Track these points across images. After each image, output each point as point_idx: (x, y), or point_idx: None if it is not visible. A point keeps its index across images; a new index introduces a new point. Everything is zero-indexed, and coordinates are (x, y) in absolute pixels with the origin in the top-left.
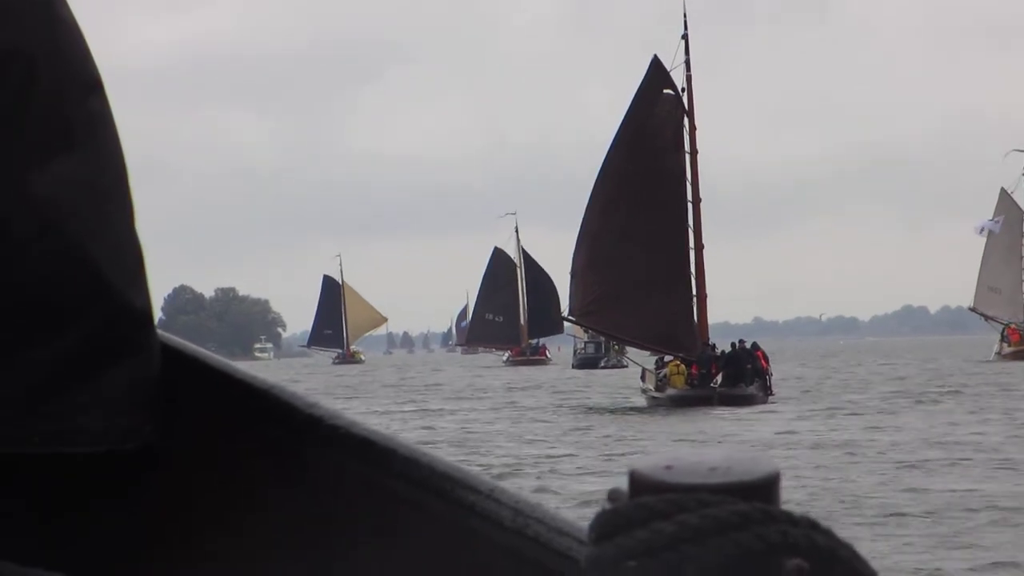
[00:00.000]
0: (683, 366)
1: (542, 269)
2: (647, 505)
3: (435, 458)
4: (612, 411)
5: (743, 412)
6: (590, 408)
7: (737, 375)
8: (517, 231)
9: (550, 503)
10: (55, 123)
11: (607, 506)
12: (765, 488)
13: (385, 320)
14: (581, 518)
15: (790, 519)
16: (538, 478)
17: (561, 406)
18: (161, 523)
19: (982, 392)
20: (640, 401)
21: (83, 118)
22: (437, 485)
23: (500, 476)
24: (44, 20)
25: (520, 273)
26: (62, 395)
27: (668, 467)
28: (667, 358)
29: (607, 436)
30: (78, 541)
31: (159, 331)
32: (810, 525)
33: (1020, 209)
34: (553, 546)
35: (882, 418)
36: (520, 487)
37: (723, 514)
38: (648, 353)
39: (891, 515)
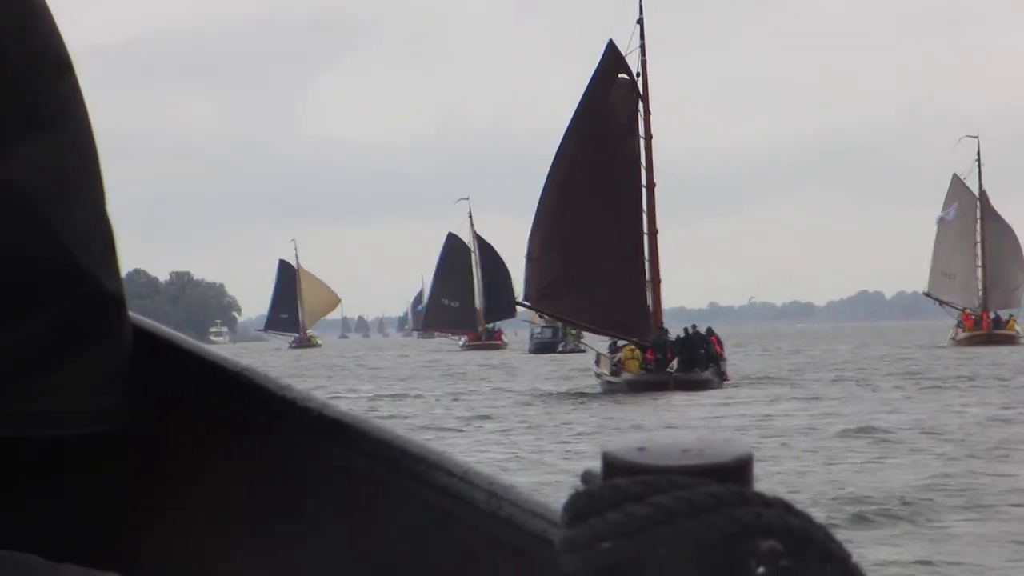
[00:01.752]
0: (637, 351)
1: (496, 253)
2: (620, 487)
3: (408, 440)
4: (569, 396)
5: (701, 396)
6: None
7: (692, 360)
8: (471, 216)
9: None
10: (24, 104)
11: (580, 488)
12: (738, 470)
13: (339, 301)
14: (555, 500)
15: (763, 501)
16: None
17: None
18: (133, 505)
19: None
20: (594, 385)
21: (52, 99)
22: (410, 467)
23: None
24: (12, 1)
25: (474, 258)
26: (32, 378)
27: (641, 449)
28: (621, 343)
29: (566, 424)
30: (50, 524)
31: (131, 313)
32: (784, 507)
33: (973, 195)
34: (527, 528)
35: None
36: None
37: (696, 496)
38: (606, 338)
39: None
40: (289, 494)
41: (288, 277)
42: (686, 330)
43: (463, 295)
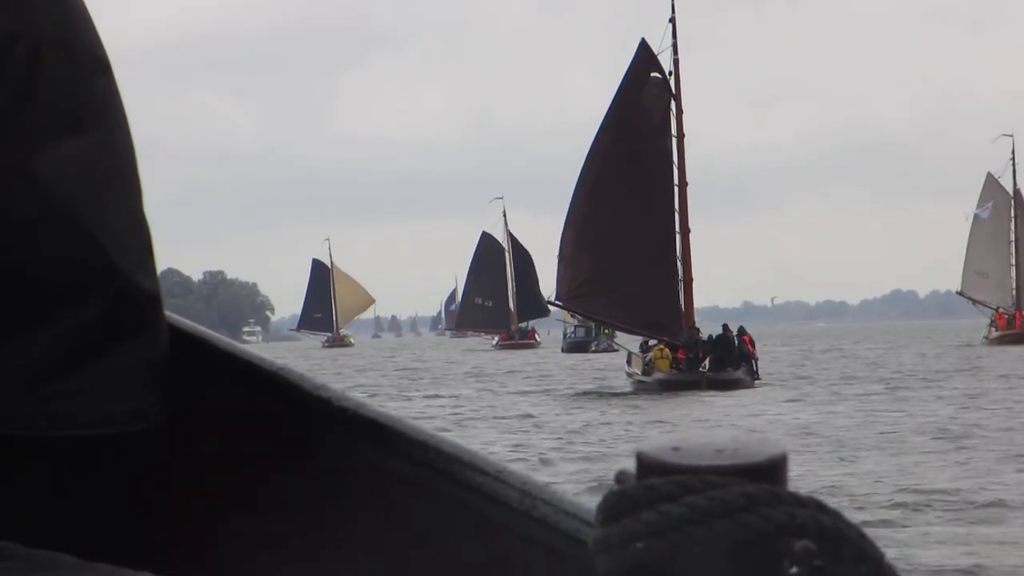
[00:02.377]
0: (667, 350)
1: (527, 253)
2: (654, 487)
3: (442, 439)
4: (600, 395)
5: (731, 396)
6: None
7: (724, 359)
8: (505, 215)
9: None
10: (63, 105)
11: (614, 488)
12: (772, 470)
13: (373, 301)
14: (588, 500)
15: (797, 501)
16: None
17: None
18: (167, 504)
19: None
20: (624, 385)
21: (91, 100)
22: (444, 466)
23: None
24: (52, 2)
25: (508, 257)
26: (69, 377)
27: (675, 449)
28: (652, 342)
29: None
30: (84, 522)
31: (167, 312)
32: (817, 507)
33: (1007, 194)
34: (560, 527)
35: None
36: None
37: (730, 496)
38: (639, 338)
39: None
40: (323, 493)
41: (322, 276)
42: (724, 327)
43: (497, 294)
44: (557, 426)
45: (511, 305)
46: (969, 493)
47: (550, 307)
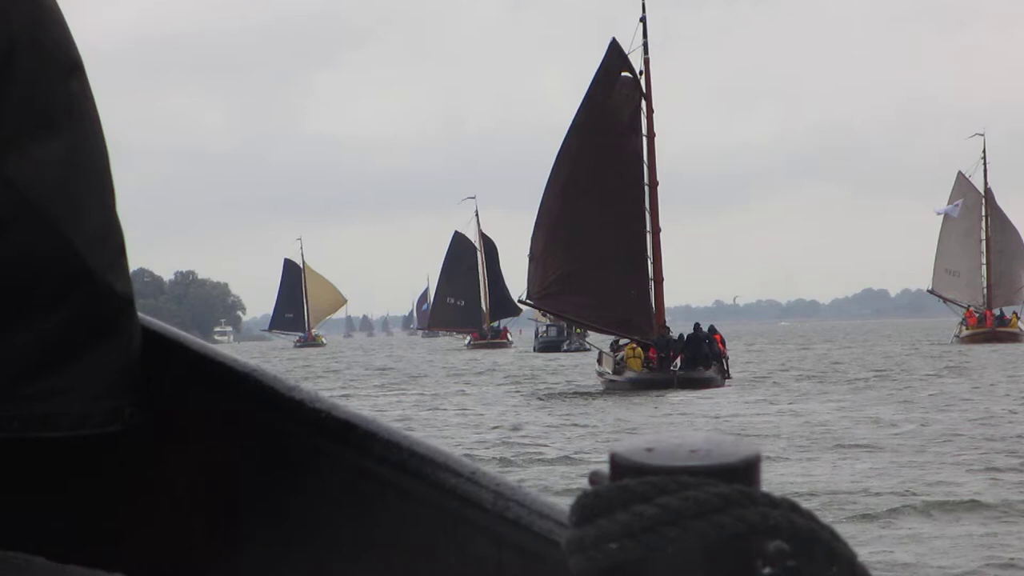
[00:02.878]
0: (639, 349)
1: (495, 249)
2: (628, 488)
3: (416, 441)
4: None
5: (702, 395)
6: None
7: (696, 358)
8: (477, 215)
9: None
10: (36, 106)
11: (588, 489)
12: (746, 471)
13: (345, 301)
14: (562, 501)
15: (770, 501)
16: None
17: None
18: (140, 505)
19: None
20: (595, 384)
21: (63, 101)
22: (418, 468)
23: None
24: (24, 3)
25: (480, 257)
26: (42, 379)
27: (649, 450)
28: (623, 341)
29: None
30: (57, 525)
31: (140, 314)
32: (790, 507)
33: (978, 192)
34: (534, 529)
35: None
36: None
37: (704, 496)
38: (610, 337)
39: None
40: (297, 493)
41: (293, 276)
42: (696, 326)
43: (469, 294)
44: (522, 427)
45: (483, 305)
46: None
47: (521, 306)
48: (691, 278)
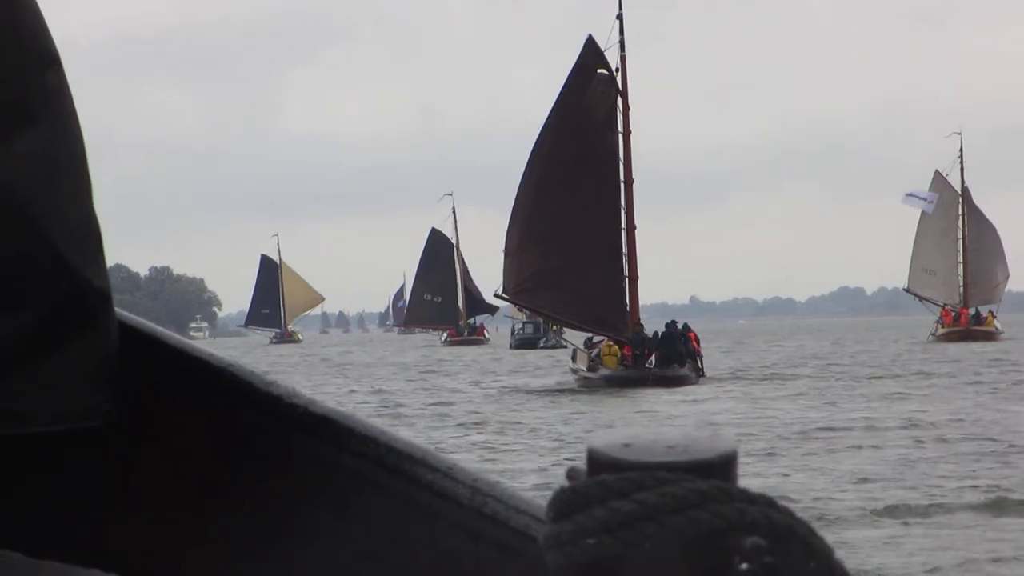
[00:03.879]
0: (615, 347)
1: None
2: (605, 483)
3: (393, 436)
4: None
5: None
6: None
7: (671, 356)
8: (454, 212)
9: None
10: (13, 100)
11: (565, 484)
12: (723, 466)
13: (323, 300)
14: (539, 496)
15: (747, 497)
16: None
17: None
18: (117, 501)
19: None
20: (569, 381)
21: (40, 94)
22: (395, 463)
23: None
24: None
25: (457, 254)
26: (20, 374)
27: (626, 445)
28: (597, 338)
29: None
30: (33, 520)
31: (117, 309)
32: (767, 503)
33: (955, 191)
34: (511, 524)
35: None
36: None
37: (681, 492)
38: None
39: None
40: (274, 489)
41: (270, 272)
42: (667, 326)
43: (445, 290)
44: (494, 423)
45: (460, 301)
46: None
47: (496, 300)
48: (667, 276)
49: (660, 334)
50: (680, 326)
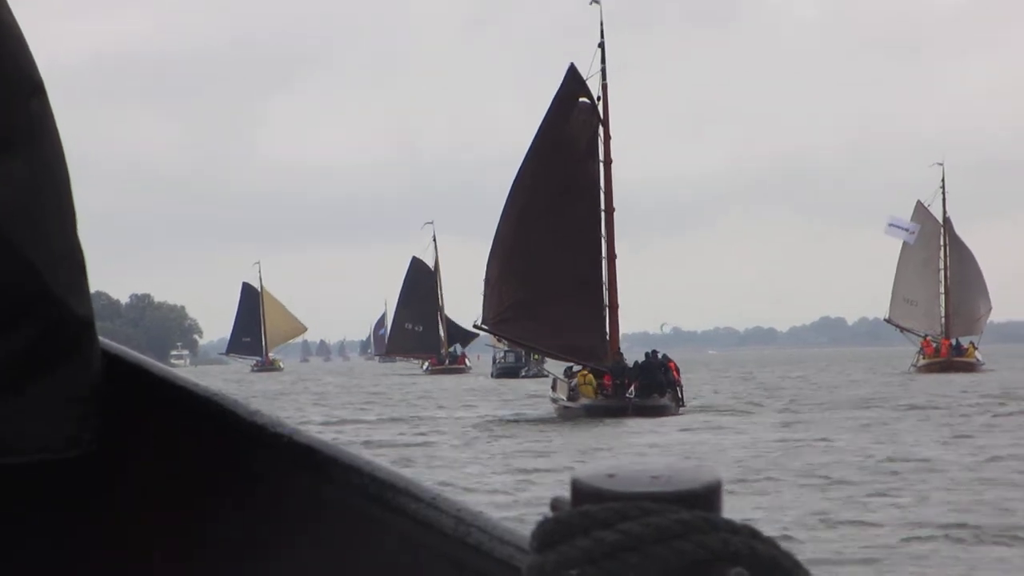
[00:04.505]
0: (591, 376)
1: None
2: (589, 514)
3: (377, 466)
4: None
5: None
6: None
7: (651, 386)
8: (435, 241)
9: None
10: None
11: (549, 514)
12: (707, 497)
13: (305, 329)
14: (522, 526)
15: (731, 528)
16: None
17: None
18: (102, 530)
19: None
20: (549, 411)
21: (24, 122)
22: (378, 493)
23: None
24: None
25: (439, 282)
26: (2, 403)
27: (610, 475)
28: (576, 368)
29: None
30: (15, 549)
31: (101, 338)
32: (751, 534)
33: (937, 222)
34: (495, 555)
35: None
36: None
37: (665, 523)
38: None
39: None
40: (259, 519)
41: (251, 300)
42: (647, 355)
43: (427, 319)
44: (471, 452)
45: (441, 330)
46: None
47: (477, 331)
48: (649, 305)
49: (639, 363)
50: (660, 356)
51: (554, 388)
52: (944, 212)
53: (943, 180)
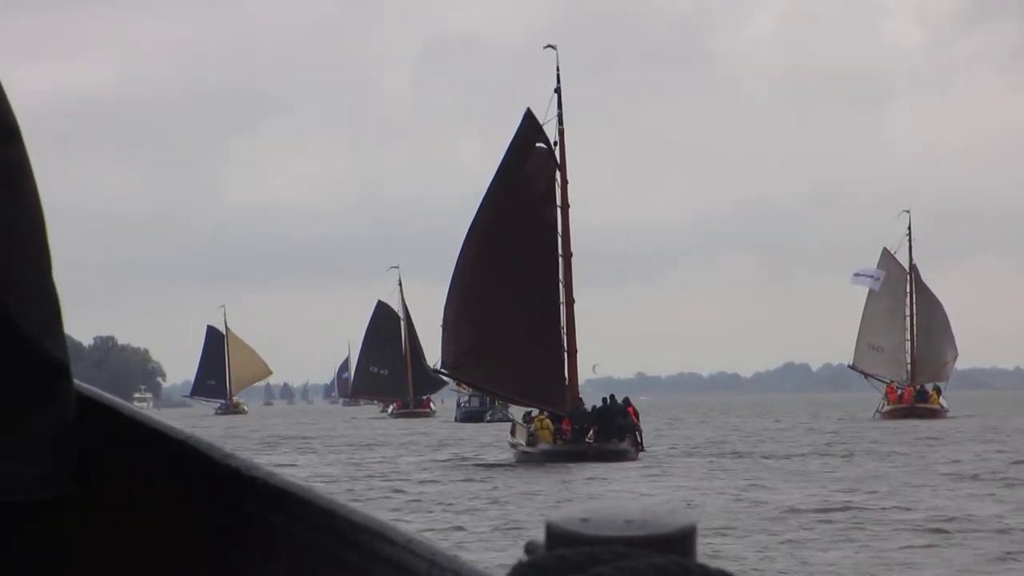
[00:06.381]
0: (548, 421)
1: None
2: (563, 557)
3: (352, 509)
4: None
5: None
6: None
7: (610, 431)
8: (400, 285)
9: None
10: None
11: (523, 558)
12: (681, 541)
13: (271, 373)
14: (498, 569)
15: (705, 572)
16: None
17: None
18: (75, 572)
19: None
20: (507, 456)
21: (0, 166)
22: (353, 536)
23: None
24: None
25: (404, 327)
26: None
27: (585, 519)
28: (535, 412)
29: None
30: None
31: (75, 381)
32: None
33: (903, 269)
34: None
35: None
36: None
37: (639, 567)
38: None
39: None
40: (231, 561)
41: (216, 343)
42: (604, 400)
43: (392, 363)
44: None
45: (408, 375)
46: None
47: (436, 376)
48: (612, 350)
49: (597, 408)
50: (621, 400)
51: (513, 433)
52: (911, 259)
53: (909, 227)
